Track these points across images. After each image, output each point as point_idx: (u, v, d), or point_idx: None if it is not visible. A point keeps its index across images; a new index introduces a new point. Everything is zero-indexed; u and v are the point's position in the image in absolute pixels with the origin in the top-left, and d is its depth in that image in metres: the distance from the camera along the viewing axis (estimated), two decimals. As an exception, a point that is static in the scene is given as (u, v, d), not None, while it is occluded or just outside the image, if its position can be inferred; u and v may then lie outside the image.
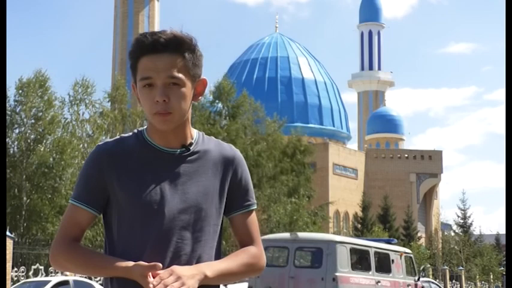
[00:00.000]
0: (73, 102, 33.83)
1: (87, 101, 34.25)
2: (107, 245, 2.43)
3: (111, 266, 2.30)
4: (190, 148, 2.43)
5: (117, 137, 2.46)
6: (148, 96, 2.34)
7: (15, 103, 31.70)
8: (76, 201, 2.40)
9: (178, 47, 2.35)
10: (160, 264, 2.25)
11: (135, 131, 2.47)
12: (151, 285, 2.20)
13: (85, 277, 20.88)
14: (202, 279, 2.28)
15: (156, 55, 2.33)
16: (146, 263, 2.25)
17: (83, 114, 34.50)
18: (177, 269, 2.25)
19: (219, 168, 2.45)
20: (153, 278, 2.23)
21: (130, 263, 2.29)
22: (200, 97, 2.45)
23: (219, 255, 2.45)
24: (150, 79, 2.33)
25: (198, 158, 2.43)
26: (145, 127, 2.46)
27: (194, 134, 2.47)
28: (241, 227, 2.50)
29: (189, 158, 2.42)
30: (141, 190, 2.36)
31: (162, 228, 2.35)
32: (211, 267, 2.33)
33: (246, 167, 2.53)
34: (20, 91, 31.47)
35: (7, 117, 31.05)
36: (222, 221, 2.50)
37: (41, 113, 31.61)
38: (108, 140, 2.46)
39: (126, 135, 2.46)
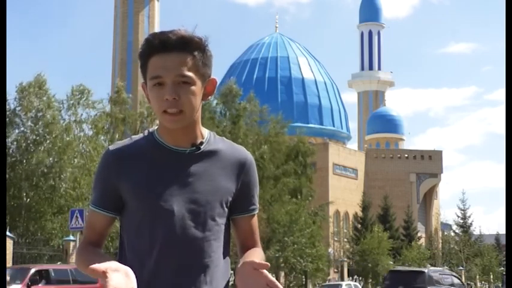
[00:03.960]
0: (71, 105, 33.88)
1: (84, 104, 34.30)
2: (120, 245, 2.45)
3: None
4: (201, 147, 2.43)
5: (128, 138, 2.48)
6: (158, 95, 2.34)
7: (16, 104, 31.85)
8: (92, 206, 2.44)
9: (187, 46, 2.36)
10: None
11: (146, 132, 2.48)
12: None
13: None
14: None
15: (165, 54, 2.34)
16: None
17: (81, 116, 34.57)
18: None
19: (230, 169, 2.45)
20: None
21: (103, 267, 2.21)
22: (210, 97, 2.46)
23: (227, 253, 2.47)
24: (160, 78, 2.34)
25: (208, 157, 2.43)
26: (156, 128, 2.47)
27: (205, 133, 2.46)
28: (245, 230, 2.52)
29: (199, 157, 2.42)
30: (151, 190, 2.36)
31: (172, 227, 2.35)
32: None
33: (256, 171, 2.54)
34: (21, 94, 31.67)
35: (7, 118, 31.17)
36: (229, 219, 2.50)
37: (40, 113, 31.68)
38: (118, 142, 2.48)
39: (137, 136, 2.48)
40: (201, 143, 2.43)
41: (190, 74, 2.34)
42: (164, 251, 2.33)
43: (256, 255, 2.41)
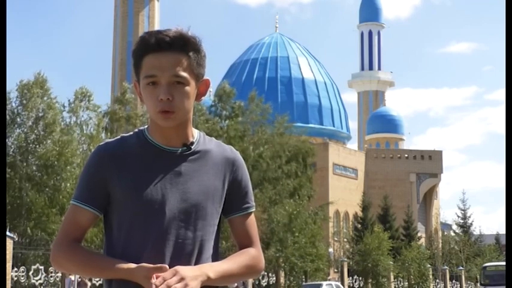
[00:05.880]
0: (73, 108, 34.01)
1: (85, 106, 34.42)
2: (107, 245, 2.42)
3: (113, 268, 2.30)
4: (192, 147, 2.43)
5: (118, 136, 2.46)
6: (151, 94, 2.34)
7: (17, 104, 31.90)
8: (77, 201, 2.39)
9: (183, 46, 2.36)
10: (167, 266, 2.25)
11: (136, 130, 2.47)
12: (153, 286, 2.20)
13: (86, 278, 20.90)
14: (204, 280, 2.29)
15: (161, 53, 2.34)
16: (151, 265, 2.25)
17: (82, 117, 34.67)
18: (180, 269, 2.26)
19: (220, 169, 2.45)
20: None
21: (133, 265, 2.28)
22: (202, 97, 2.46)
23: (216, 254, 2.46)
24: (155, 77, 2.34)
25: (199, 157, 2.43)
26: (146, 126, 2.46)
27: (195, 133, 2.47)
28: (241, 229, 2.50)
29: (190, 157, 2.42)
30: (142, 189, 2.36)
31: (163, 227, 2.35)
32: (213, 269, 2.34)
33: (246, 170, 2.54)
34: (21, 93, 31.72)
35: (8, 118, 31.23)
36: (220, 220, 2.50)
37: (41, 113, 31.74)
38: (109, 140, 2.46)
39: (127, 134, 2.47)
40: (192, 143, 2.43)
41: (185, 74, 2.35)
42: (156, 251, 2.33)
43: (234, 259, 2.41)
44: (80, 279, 26.21)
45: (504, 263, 36.01)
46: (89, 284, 26.82)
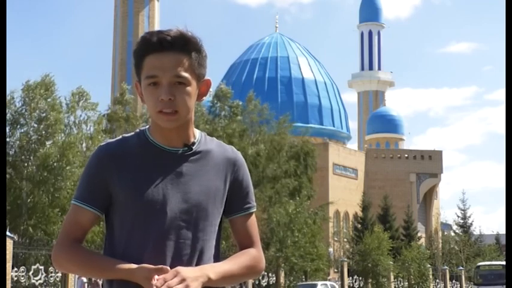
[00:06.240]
0: (70, 107, 34.00)
1: (83, 106, 34.42)
2: (107, 245, 2.42)
3: (114, 268, 2.30)
4: (193, 148, 2.43)
5: (119, 137, 2.47)
6: (153, 94, 2.34)
7: (21, 104, 31.88)
8: (78, 202, 2.40)
9: (184, 46, 2.36)
10: (168, 267, 2.25)
11: (137, 130, 2.48)
12: (154, 287, 2.20)
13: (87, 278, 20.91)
14: (205, 281, 2.29)
15: (162, 53, 2.34)
16: (152, 266, 2.25)
17: (80, 117, 34.67)
18: (182, 270, 2.26)
19: (221, 169, 2.45)
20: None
21: (134, 266, 2.28)
22: (204, 97, 2.47)
23: (217, 254, 2.46)
24: (156, 77, 2.34)
25: (200, 157, 2.43)
26: (147, 127, 2.46)
27: (197, 134, 2.47)
28: (241, 229, 2.51)
29: (191, 158, 2.42)
30: (143, 189, 2.36)
31: (164, 227, 2.35)
32: (214, 270, 2.34)
33: (247, 170, 2.54)
34: (26, 92, 31.72)
35: (12, 118, 31.25)
36: (221, 220, 2.50)
37: (44, 114, 31.74)
38: (110, 140, 2.46)
39: (128, 135, 2.47)
40: (193, 143, 2.44)
41: (186, 74, 2.35)
42: (157, 251, 2.33)
43: (235, 260, 2.41)
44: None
45: (497, 262, 35.89)
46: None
